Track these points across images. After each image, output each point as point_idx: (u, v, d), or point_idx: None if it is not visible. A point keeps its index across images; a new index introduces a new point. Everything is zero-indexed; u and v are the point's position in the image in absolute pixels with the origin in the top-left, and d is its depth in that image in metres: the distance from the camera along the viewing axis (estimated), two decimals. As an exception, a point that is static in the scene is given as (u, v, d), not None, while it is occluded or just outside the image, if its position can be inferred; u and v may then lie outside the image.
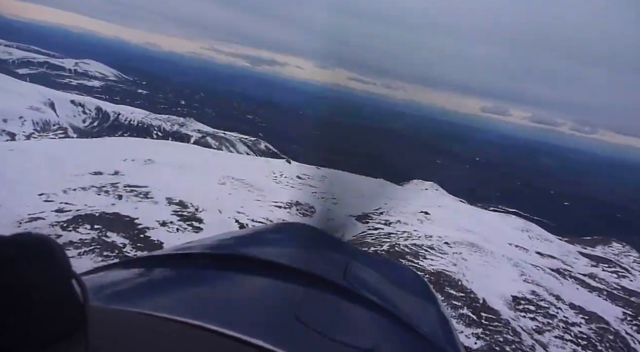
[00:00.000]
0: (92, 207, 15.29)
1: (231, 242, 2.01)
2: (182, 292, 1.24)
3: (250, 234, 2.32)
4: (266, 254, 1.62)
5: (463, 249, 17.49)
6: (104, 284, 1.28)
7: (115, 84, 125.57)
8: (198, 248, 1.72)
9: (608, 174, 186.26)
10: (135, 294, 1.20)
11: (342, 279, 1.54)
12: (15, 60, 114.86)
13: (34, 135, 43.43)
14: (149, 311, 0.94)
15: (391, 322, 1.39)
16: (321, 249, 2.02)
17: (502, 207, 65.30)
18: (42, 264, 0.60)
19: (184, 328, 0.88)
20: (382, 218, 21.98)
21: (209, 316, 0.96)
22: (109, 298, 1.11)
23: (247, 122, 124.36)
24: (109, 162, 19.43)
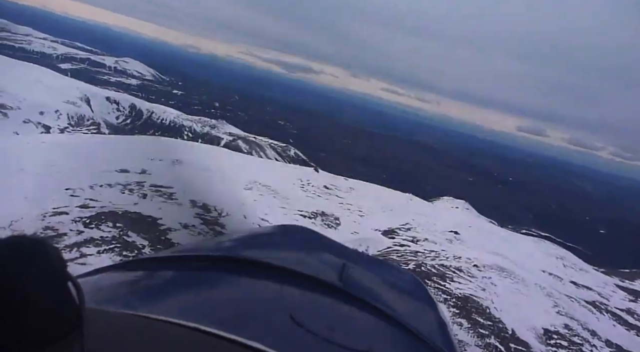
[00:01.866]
0: (116, 205, 15.17)
1: (228, 244, 2.03)
2: (178, 295, 1.25)
3: (247, 236, 2.28)
4: (263, 255, 1.63)
5: (493, 273, 16.72)
6: (101, 286, 1.28)
7: (152, 84, 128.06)
8: (195, 250, 1.73)
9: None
10: (132, 296, 1.20)
11: (338, 281, 1.52)
12: (59, 55, 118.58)
13: (67, 129, 44.37)
14: (145, 313, 0.94)
15: (388, 325, 1.38)
16: (318, 250, 2.03)
17: (534, 231, 63.22)
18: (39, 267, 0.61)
19: (181, 331, 0.88)
20: (409, 234, 21.27)
21: (206, 318, 0.96)
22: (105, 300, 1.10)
23: (279, 127, 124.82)
24: (137, 160, 19.40)
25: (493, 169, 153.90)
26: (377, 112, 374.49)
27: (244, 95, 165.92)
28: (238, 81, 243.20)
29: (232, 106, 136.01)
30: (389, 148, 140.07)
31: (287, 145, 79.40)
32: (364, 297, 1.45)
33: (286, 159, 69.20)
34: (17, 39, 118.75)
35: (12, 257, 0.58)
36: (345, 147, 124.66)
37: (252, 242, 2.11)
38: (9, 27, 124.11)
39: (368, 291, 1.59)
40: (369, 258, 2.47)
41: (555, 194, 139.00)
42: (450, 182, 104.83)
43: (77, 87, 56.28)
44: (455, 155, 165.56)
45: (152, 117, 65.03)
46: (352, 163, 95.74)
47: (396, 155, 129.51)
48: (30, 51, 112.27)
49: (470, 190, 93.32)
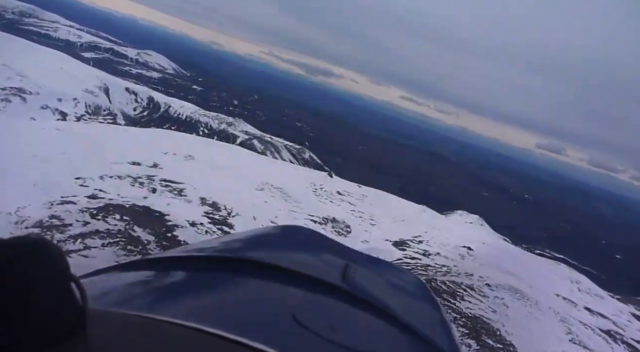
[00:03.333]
0: (125, 198, 14.97)
1: (230, 245, 1.98)
2: (181, 295, 1.26)
3: (249, 237, 2.25)
4: (265, 256, 1.63)
5: (505, 294, 16.18)
6: (103, 286, 1.29)
7: (173, 77, 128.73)
8: (197, 250, 1.72)
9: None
10: (134, 296, 1.21)
11: (341, 281, 1.52)
12: (83, 43, 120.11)
13: (84, 117, 44.61)
14: (148, 313, 0.94)
15: (391, 325, 1.38)
16: (320, 251, 2.01)
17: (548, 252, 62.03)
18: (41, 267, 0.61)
19: (183, 331, 0.89)
20: (421, 247, 20.79)
21: (208, 319, 0.97)
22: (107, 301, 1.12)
23: (296, 129, 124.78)
24: (149, 153, 19.24)
25: (509, 185, 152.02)
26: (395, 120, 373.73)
27: (263, 94, 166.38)
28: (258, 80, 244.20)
29: (251, 105, 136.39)
30: (404, 157, 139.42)
31: (303, 148, 79.12)
32: (366, 297, 1.46)
33: (300, 161, 68.94)
34: (44, 25, 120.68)
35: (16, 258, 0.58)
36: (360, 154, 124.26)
37: (254, 242, 2.11)
38: (37, 13, 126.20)
39: (371, 292, 1.58)
40: (372, 259, 2.41)
41: (572, 214, 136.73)
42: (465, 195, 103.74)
43: (97, 76, 56.64)
44: (472, 169, 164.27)
45: (169, 111, 65.07)
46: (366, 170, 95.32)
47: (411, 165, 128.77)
48: (55, 38, 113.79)
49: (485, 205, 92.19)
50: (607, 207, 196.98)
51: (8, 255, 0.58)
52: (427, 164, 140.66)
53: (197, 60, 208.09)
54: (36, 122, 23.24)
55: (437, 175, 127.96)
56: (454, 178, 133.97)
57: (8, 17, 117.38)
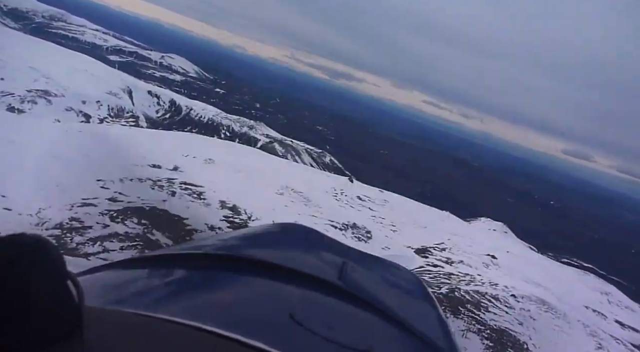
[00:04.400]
0: (144, 201, 14.95)
1: (227, 243, 1.99)
2: (178, 293, 1.27)
3: (246, 234, 2.28)
4: (262, 254, 1.63)
5: (532, 305, 15.63)
6: (100, 284, 1.30)
7: (195, 81, 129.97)
8: (194, 248, 1.73)
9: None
10: (131, 294, 1.22)
11: (338, 279, 1.53)
12: (108, 47, 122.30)
13: (107, 119, 45.22)
14: (145, 311, 0.95)
15: (387, 323, 1.39)
16: (318, 249, 2.01)
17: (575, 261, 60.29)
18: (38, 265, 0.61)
19: (180, 329, 0.89)
20: (444, 255, 20.32)
21: (205, 317, 0.97)
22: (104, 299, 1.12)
23: (317, 133, 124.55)
24: (170, 156, 19.24)
25: (534, 191, 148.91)
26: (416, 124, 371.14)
27: (285, 98, 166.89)
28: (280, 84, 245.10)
29: (273, 108, 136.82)
30: (426, 162, 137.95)
31: (323, 152, 78.83)
32: (363, 296, 1.46)
33: (321, 165, 68.65)
34: (72, 29, 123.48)
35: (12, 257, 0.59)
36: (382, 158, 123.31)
37: (252, 240, 2.11)
38: (65, 17, 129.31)
39: (368, 290, 1.58)
40: (369, 256, 2.39)
41: (599, 222, 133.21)
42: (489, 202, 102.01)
43: (121, 79, 57.45)
44: (495, 175, 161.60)
45: (190, 114, 65.48)
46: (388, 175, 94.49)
47: (434, 170, 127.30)
48: (82, 41, 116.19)
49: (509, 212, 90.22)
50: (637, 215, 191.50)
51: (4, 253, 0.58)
52: (450, 169, 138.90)
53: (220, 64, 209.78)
54: (60, 124, 23.53)
55: (459, 180, 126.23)
56: (477, 184, 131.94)
57: (38, 20, 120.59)
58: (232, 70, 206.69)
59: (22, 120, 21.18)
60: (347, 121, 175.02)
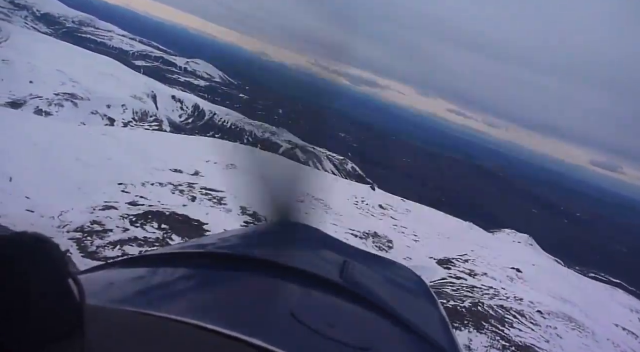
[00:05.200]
0: (164, 206, 14.93)
1: (228, 241, 2.00)
2: (179, 291, 1.28)
3: (247, 233, 2.29)
4: (263, 252, 1.63)
5: (558, 323, 15.08)
6: (101, 283, 1.29)
7: (219, 86, 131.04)
8: (195, 247, 1.74)
9: None
10: (132, 293, 1.22)
11: (339, 278, 1.53)
12: (135, 52, 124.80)
13: (131, 123, 45.88)
14: (146, 310, 0.95)
15: (388, 322, 1.39)
16: (318, 247, 2.00)
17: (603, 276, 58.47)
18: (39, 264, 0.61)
19: (181, 327, 0.90)
20: (467, 267, 19.83)
21: (206, 315, 0.98)
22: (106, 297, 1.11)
23: (339, 140, 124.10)
24: (192, 161, 19.29)
25: (560, 202, 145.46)
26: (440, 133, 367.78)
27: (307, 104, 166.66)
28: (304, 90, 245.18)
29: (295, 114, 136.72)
30: (450, 171, 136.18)
31: (345, 159, 78.48)
32: (364, 294, 1.46)
33: (343, 172, 68.26)
34: (100, 34, 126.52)
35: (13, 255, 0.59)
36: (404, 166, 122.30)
37: (253, 239, 2.12)
38: (94, 23, 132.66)
39: (369, 288, 1.58)
40: (371, 255, 2.34)
41: (628, 235, 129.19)
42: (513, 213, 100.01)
43: (146, 83, 58.41)
44: (520, 185, 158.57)
45: (213, 119, 65.99)
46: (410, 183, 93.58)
47: (457, 179, 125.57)
48: (110, 46, 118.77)
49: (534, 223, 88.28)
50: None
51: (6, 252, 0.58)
52: (474, 179, 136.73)
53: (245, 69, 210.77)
54: (85, 127, 23.87)
55: (483, 190, 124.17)
56: (501, 194, 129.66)
57: (68, 25, 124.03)
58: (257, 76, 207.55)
59: (48, 123, 21.51)
60: (370, 128, 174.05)
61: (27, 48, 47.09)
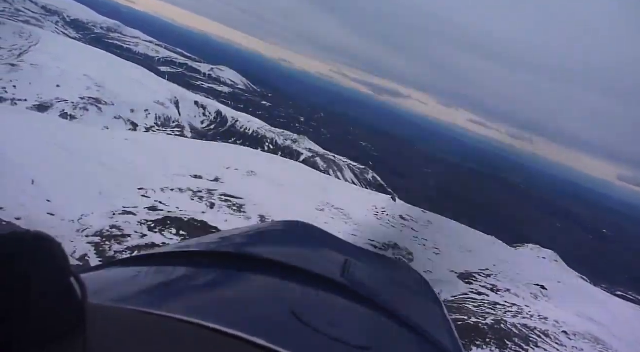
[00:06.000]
0: (183, 212, 14.87)
1: (230, 240, 1.94)
2: (180, 290, 1.27)
3: (248, 232, 2.15)
4: (264, 251, 1.62)
5: (585, 345, 14.49)
6: (103, 282, 1.29)
7: (242, 93, 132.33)
8: (196, 246, 1.72)
9: None
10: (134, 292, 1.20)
11: (340, 277, 1.51)
12: (160, 58, 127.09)
13: (153, 128, 46.54)
14: (148, 309, 0.94)
15: (390, 321, 1.38)
16: (320, 246, 2.01)
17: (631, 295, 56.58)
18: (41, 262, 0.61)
19: (183, 326, 0.90)
20: (489, 282, 19.31)
21: (207, 314, 0.97)
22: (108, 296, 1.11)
23: (360, 149, 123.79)
24: (212, 167, 19.27)
25: (586, 217, 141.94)
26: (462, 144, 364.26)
27: (329, 112, 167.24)
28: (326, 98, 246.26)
29: (317, 122, 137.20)
30: (471, 183, 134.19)
31: (366, 168, 78.08)
32: (366, 293, 1.46)
33: (363, 182, 67.83)
34: (126, 40, 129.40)
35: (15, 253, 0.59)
36: (426, 177, 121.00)
37: (254, 238, 2.08)
38: (120, 29, 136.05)
39: (370, 288, 1.57)
40: (372, 254, 2.27)
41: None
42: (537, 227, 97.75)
43: (169, 89, 59.20)
44: (545, 199, 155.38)
45: (235, 126, 66.50)
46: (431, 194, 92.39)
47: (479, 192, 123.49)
48: (135, 52, 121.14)
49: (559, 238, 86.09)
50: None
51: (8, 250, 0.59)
52: (496, 191, 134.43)
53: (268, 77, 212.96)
54: (108, 132, 24.13)
55: (506, 203, 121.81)
56: (525, 208, 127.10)
57: (96, 31, 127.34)
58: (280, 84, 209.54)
59: (73, 127, 21.77)
60: (392, 138, 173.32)
61: (55, 53, 48.26)
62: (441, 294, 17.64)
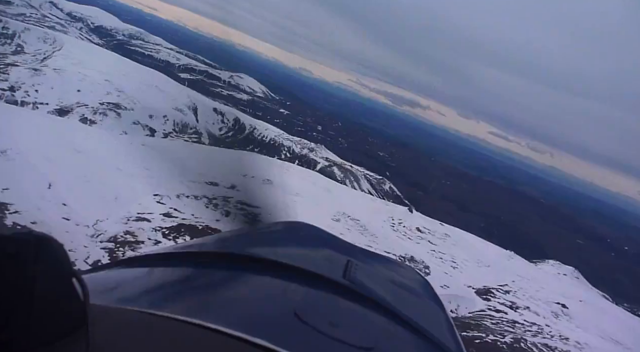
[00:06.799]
0: (198, 219, 14.78)
1: (231, 241, 2.02)
2: (182, 291, 1.28)
3: (250, 233, 2.29)
4: (266, 252, 1.63)
5: (609, 368, 13.90)
6: (105, 282, 1.30)
7: (261, 100, 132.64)
8: (198, 246, 1.75)
9: None
10: (136, 292, 1.23)
11: (342, 278, 1.53)
12: (181, 65, 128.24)
13: (171, 134, 46.83)
14: (150, 309, 0.96)
15: (392, 321, 1.39)
16: (322, 247, 1.98)
17: (655, 315, 55.06)
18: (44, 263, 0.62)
19: (184, 327, 0.90)
20: (508, 299, 18.78)
21: (209, 315, 0.98)
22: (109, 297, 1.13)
23: (377, 159, 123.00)
24: (228, 174, 19.14)
25: (607, 234, 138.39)
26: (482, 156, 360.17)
27: (347, 122, 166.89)
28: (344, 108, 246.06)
29: (334, 131, 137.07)
30: (490, 195, 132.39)
31: (383, 178, 77.33)
32: (368, 294, 1.46)
33: (380, 192, 67.16)
34: (148, 47, 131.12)
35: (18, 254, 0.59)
36: (443, 189, 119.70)
37: (256, 238, 2.12)
38: (143, 36, 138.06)
39: (372, 288, 1.57)
40: (374, 255, 2.26)
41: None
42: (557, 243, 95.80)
43: (188, 96, 59.57)
44: (565, 213, 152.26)
45: (253, 133, 66.58)
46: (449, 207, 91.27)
47: (497, 205, 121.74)
48: (157, 59, 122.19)
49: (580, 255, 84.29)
50: None
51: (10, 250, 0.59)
52: (515, 205, 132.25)
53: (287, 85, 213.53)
54: (126, 137, 24.26)
55: (525, 217, 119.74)
56: (544, 222, 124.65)
57: (119, 38, 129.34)
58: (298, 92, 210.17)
59: (92, 132, 21.93)
60: (409, 148, 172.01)
61: (78, 58, 49.08)
62: (458, 310, 17.20)
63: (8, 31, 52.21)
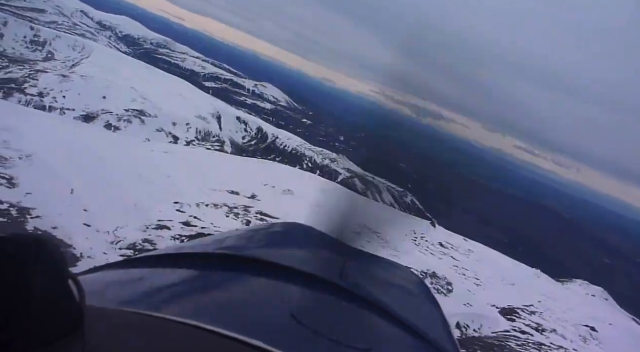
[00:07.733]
0: (217, 228, 14.61)
1: (229, 242, 1.99)
2: (179, 292, 1.29)
3: (247, 234, 2.23)
4: (263, 253, 1.62)
5: (641, 397, 13.16)
6: (101, 284, 1.30)
7: (284, 110, 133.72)
8: (195, 248, 1.74)
9: None
10: (132, 294, 1.23)
11: (339, 278, 1.53)
12: (206, 74, 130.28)
13: (193, 142, 47.29)
14: (146, 310, 0.96)
15: (388, 322, 1.39)
16: (318, 248, 2.00)
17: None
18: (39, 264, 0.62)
19: (181, 328, 0.91)
20: (533, 320, 18.08)
21: (206, 316, 0.99)
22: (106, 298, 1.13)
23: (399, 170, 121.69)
24: (249, 183, 19.05)
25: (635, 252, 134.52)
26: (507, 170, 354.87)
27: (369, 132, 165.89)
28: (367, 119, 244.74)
29: (357, 142, 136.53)
30: (515, 210, 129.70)
31: (405, 191, 76.41)
32: (364, 294, 1.46)
33: (402, 205, 66.42)
34: (175, 55, 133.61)
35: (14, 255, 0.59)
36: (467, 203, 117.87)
37: (253, 239, 2.09)
38: (169, 45, 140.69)
39: (368, 289, 1.57)
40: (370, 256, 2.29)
41: None
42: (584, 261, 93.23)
43: (212, 104, 60.22)
44: (592, 230, 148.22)
45: (275, 142, 66.74)
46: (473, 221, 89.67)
47: (523, 220, 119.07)
48: (182, 68, 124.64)
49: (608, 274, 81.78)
50: None
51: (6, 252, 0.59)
52: (541, 221, 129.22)
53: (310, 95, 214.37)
54: (149, 144, 24.40)
55: (551, 233, 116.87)
56: (571, 239, 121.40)
57: (146, 46, 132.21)
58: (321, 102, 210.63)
59: (115, 138, 22.11)
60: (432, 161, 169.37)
61: (105, 65, 50.19)
62: (481, 329, 16.61)
63: (40, 38, 53.79)
